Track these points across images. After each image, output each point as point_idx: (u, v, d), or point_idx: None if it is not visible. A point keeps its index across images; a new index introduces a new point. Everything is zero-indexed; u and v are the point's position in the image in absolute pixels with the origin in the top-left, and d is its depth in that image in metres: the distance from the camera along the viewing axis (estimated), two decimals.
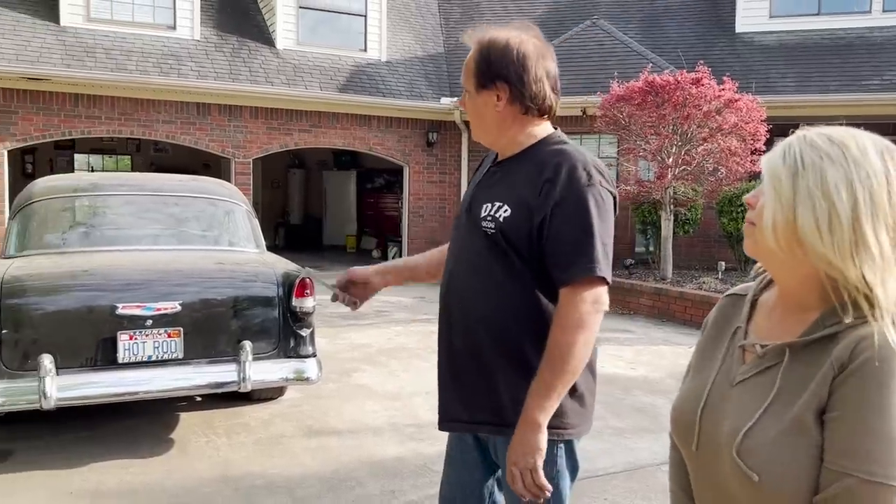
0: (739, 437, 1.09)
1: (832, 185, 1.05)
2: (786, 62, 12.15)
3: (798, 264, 1.09)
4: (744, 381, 1.16)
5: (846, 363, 1.03)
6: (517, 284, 1.79)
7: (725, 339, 1.25)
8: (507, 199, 1.80)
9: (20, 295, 3.79)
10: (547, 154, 1.81)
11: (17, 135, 10.26)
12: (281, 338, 4.24)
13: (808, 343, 1.09)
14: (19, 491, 3.56)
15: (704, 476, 1.19)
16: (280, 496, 3.56)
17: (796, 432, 1.05)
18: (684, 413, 1.23)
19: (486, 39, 1.85)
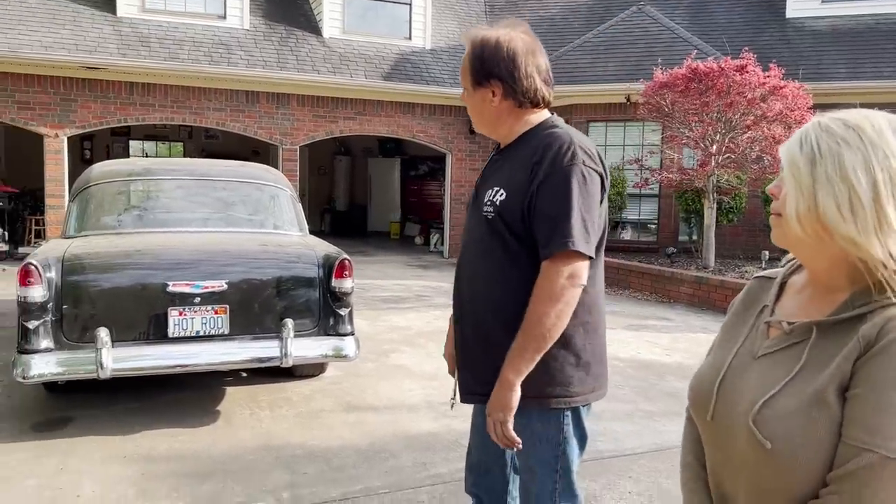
0: (757, 406, 1.11)
1: (850, 168, 1.07)
2: (838, 48, 11.87)
3: (826, 248, 1.11)
4: (767, 354, 1.18)
5: (873, 342, 1.05)
6: (516, 266, 1.89)
7: (751, 317, 1.29)
8: (504, 184, 1.92)
9: (80, 272, 4.05)
10: (539, 138, 1.92)
11: (77, 122, 10.70)
12: (321, 316, 4.43)
13: (836, 322, 1.11)
14: (78, 453, 3.82)
15: (719, 447, 1.22)
16: (318, 464, 3.75)
17: (816, 406, 1.06)
18: (703, 383, 1.26)
19: (479, 39, 1.95)
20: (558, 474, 1.96)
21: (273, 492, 3.43)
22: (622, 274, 10.02)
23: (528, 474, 2.00)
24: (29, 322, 3.89)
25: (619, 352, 6.35)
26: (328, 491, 3.45)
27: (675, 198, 11.12)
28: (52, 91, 10.50)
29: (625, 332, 7.23)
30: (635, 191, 11.26)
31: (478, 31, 1.98)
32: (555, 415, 1.92)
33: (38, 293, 3.89)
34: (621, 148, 12.08)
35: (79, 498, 3.33)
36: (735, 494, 1.19)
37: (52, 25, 10.44)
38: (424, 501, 3.38)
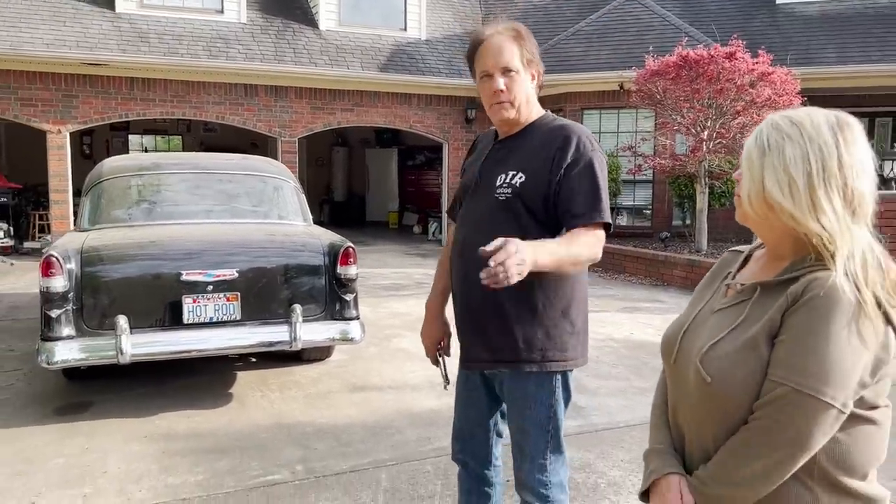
0: (704, 349, 1.35)
1: (790, 159, 1.28)
2: (827, 33, 12.06)
3: (773, 224, 1.34)
4: (721, 310, 1.41)
5: (798, 297, 1.25)
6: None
7: (718, 281, 1.52)
8: (521, 168, 2.12)
9: (98, 263, 4.25)
10: (551, 129, 2.15)
11: (79, 118, 10.88)
12: (327, 302, 4.64)
13: (776, 283, 1.32)
14: (100, 434, 4.04)
15: (677, 385, 1.46)
16: (327, 440, 3.98)
17: (749, 349, 1.28)
18: (670, 334, 1.51)
19: (521, 26, 2.16)
20: (549, 433, 2.17)
21: (287, 465, 3.66)
22: (617, 258, 10.24)
23: (521, 434, 2.20)
24: (51, 311, 4.10)
25: (615, 333, 6.58)
26: (339, 464, 3.68)
27: (668, 183, 11.33)
28: (53, 87, 10.66)
29: (619, 314, 7.46)
30: (629, 177, 11.48)
31: (502, 23, 2.15)
32: (549, 378, 2.14)
33: (60, 283, 4.09)
34: (615, 135, 12.28)
35: (106, 473, 3.55)
36: (687, 425, 1.42)
37: (52, 23, 10.59)
38: (430, 471, 3.60)
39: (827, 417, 1.21)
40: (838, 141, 1.28)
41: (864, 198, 1.29)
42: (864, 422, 1.27)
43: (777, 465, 1.24)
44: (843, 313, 1.22)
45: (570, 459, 3.65)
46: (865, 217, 1.30)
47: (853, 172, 1.27)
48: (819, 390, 1.20)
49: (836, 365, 1.21)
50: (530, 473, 2.19)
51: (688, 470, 1.41)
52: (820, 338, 1.22)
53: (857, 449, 1.27)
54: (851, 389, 1.22)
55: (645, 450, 1.54)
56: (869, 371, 1.24)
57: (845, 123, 1.31)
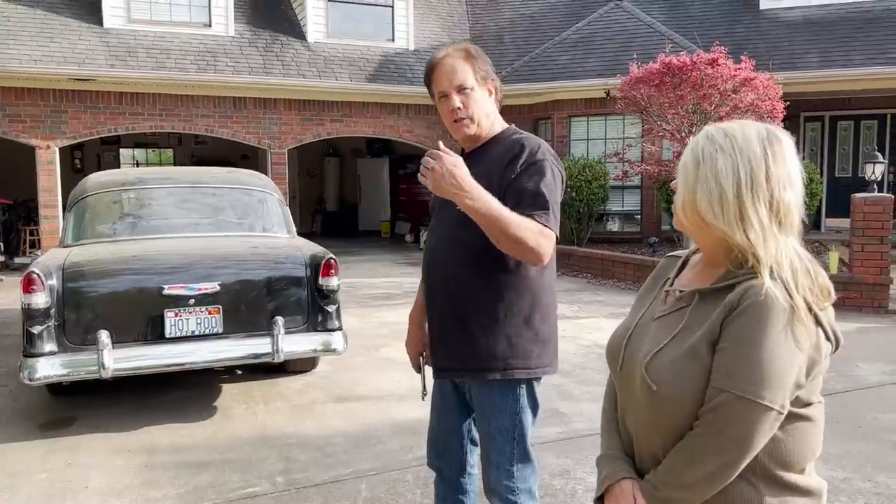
0: (649, 357, 1.39)
1: (721, 170, 1.33)
2: (810, 37, 12.17)
3: (707, 233, 1.39)
4: (661, 316, 1.46)
5: (735, 306, 1.30)
6: (487, 254, 2.13)
7: (657, 287, 1.56)
8: (479, 179, 2.16)
9: (79, 279, 4.28)
10: (511, 140, 2.21)
11: (68, 133, 10.91)
12: (310, 313, 4.67)
13: (713, 290, 1.36)
14: (84, 449, 4.06)
15: (624, 391, 1.49)
16: (311, 451, 4.01)
17: (691, 357, 1.32)
18: (614, 341, 1.54)
19: (472, 46, 2.25)
20: (515, 441, 2.21)
21: (269, 477, 3.68)
22: (606, 264, 10.29)
23: (487, 442, 2.24)
24: (33, 327, 4.12)
25: (601, 339, 6.61)
26: (320, 474, 3.70)
27: (656, 189, 11.39)
28: (42, 104, 10.70)
29: (606, 320, 7.49)
30: (618, 183, 11.54)
31: (454, 46, 2.26)
32: (513, 386, 2.17)
33: (41, 300, 4.12)
34: (603, 142, 12.35)
35: (87, 488, 3.57)
36: (635, 429, 1.46)
37: (40, 39, 10.64)
38: (410, 481, 3.63)
39: (767, 419, 1.26)
40: (767, 154, 1.33)
41: (791, 209, 1.34)
42: (800, 419, 1.33)
43: (723, 467, 1.29)
44: (778, 319, 1.27)
45: (549, 466, 3.70)
46: (792, 227, 1.35)
47: (780, 184, 1.33)
48: (759, 395, 1.25)
49: (773, 370, 1.26)
50: (497, 479, 2.22)
51: (639, 472, 1.45)
52: (757, 344, 1.26)
53: (795, 445, 1.33)
54: (789, 391, 1.28)
55: (598, 455, 1.58)
56: (804, 372, 1.30)
57: (775, 137, 1.36)
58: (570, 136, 12.58)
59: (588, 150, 12.45)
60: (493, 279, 2.16)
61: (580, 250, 10.92)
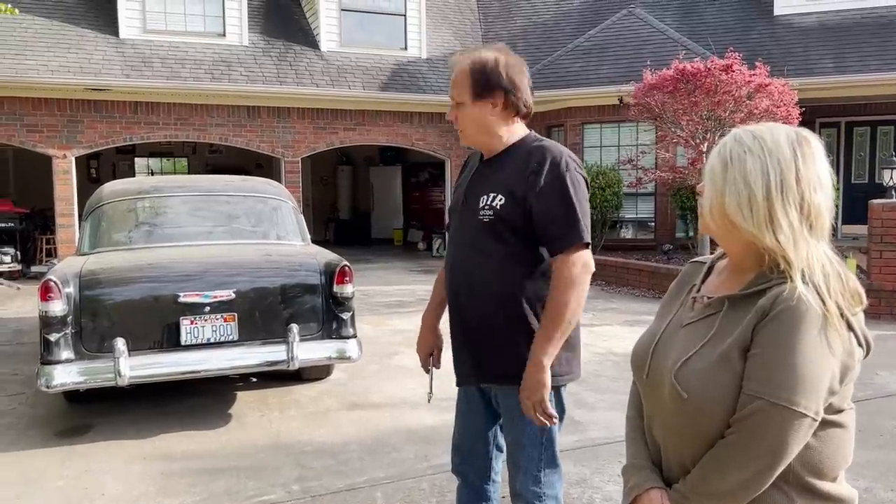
0: (678, 364, 1.37)
1: (750, 173, 1.31)
2: (825, 43, 12.10)
3: (736, 237, 1.37)
4: (690, 324, 1.43)
5: (767, 311, 1.28)
6: (514, 262, 2.16)
7: (683, 294, 1.54)
8: (500, 190, 2.17)
9: (96, 287, 4.31)
10: (530, 149, 2.20)
11: (84, 142, 11.01)
12: (324, 321, 4.67)
13: (743, 296, 1.34)
14: (101, 456, 4.07)
15: (651, 399, 1.47)
16: (325, 459, 4.00)
17: (722, 364, 1.30)
18: (640, 348, 1.52)
19: (478, 58, 2.22)
20: (543, 446, 2.21)
21: (284, 485, 3.67)
22: (620, 272, 10.24)
23: (515, 448, 2.24)
24: (50, 335, 4.15)
25: (615, 347, 6.58)
26: (335, 482, 3.69)
27: (670, 196, 11.34)
28: (58, 113, 10.81)
29: (621, 328, 7.45)
30: (632, 190, 11.49)
31: (472, 53, 2.24)
32: None
33: (58, 307, 4.14)
34: (616, 148, 12.32)
35: (104, 496, 3.58)
36: (663, 438, 1.44)
37: (57, 49, 10.75)
38: (425, 489, 3.61)
39: (801, 427, 1.24)
40: (797, 155, 1.31)
41: (821, 211, 1.32)
42: (833, 426, 1.31)
43: (756, 475, 1.27)
44: (812, 325, 1.25)
45: (566, 474, 3.65)
46: (822, 230, 1.33)
47: (810, 187, 1.31)
48: (793, 401, 1.23)
49: (807, 376, 1.24)
50: (524, 484, 2.22)
51: (666, 482, 1.43)
52: (791, 350, 1.25)
53: (828, 453, 1.31)
54: (822, 398, 1.26)
55: (623, 465, 1.55)
56: (837, 378, 1.27)
57: (804, 139, 1.34)
58: (584, 144, 12.56)
59: (601, 157, 12.42)
60: (520, 287, 2.16)
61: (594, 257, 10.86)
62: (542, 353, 2.06)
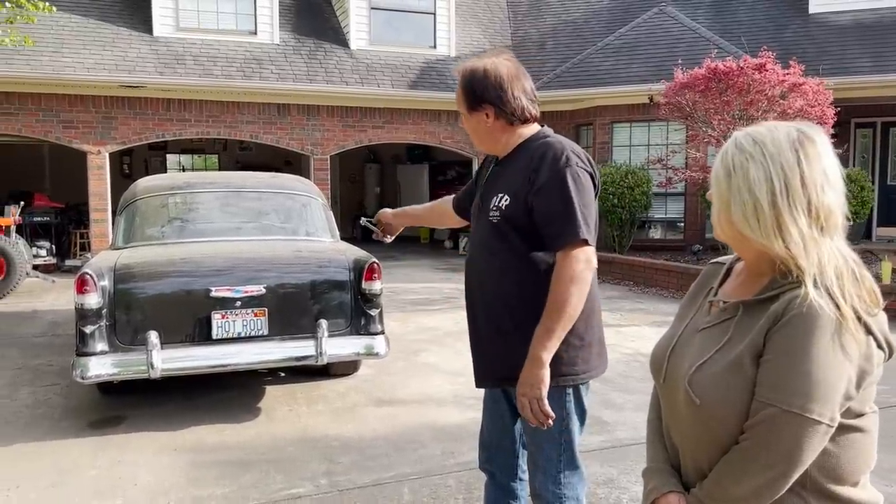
0: (692, 370, 1.36)
1: (754, 180, 1.29)
2: (862, 41, 11.87)
3: (748, 244, 1.35)
4: (705, 328, 1.42)
5: (780, 317, 1.26)
6: (521, 261, 2.15)
7: (701, 297, 1.53)
8: (506, 190, 2.18)
9: (130, 280, 4.38)
10: (533, 148, 2.20)
11: (118, 139, 11.19)
12: (353, 317, 4.71)
13: (757, 301, 1.33)
14: (132, 448, 4.14)
15: (668, 403, 1.47)
16: (353, 454, 4.03)
17: (735, 370, 1.29)
18: (658, 352, 1.51)
19: (468, 70, 2.23)
20: (562, 447, 2.19)
21: (311, 479, 3.71)
22: (649, 272, 10.16)
23: (534, 448, 2.23)
24: (85, 327, 4.23)
25: (643, 347, 6.53)
26: (362, 477, 3.72)
27: (700, 196, 11.21)
28: (93, 110, 10.99)
29: (649, 328, 7.40)
30: (661, 190, 11.40)
31: (466, 64, 2.26)
32: (558, 393, 2.15)
33: (94, 300, 4.22)
34: (646, 148, 12.21)
35: (136, 486, 3.64)
36: (680, 443, 1.44)
37: (93, 47, 10.93)
38: (452, 486, 3.62)
39: (816, 434, 1.23)
40: (799, 157, 1.28)
41: (832, 210, 1.29)
42: (852, 430, 1.29)
43: (771, 482, 1.26)
44: (825, 330, 1.23)
45: (594, 475, 3.66)
46: (835, 228, 1.30)
47: (817, 187, 1.28)
48: (806, 408, 1.22)
49: (820, 382, 1.22)
50: (544, 485, 2.21)
51: (685, 485, 1.43)
52: (803, 356, 1.23)
53: (847, 458, 1.29)
54: (837, 404, 1.24)
55: (643, 468, 1.56)
56: (854, 383, 1.25)
57: (806, 137, 1.31)
58: (613, 143, 12.47)
59: (630, 156, 12.32)
60: (525, 287, 2.15)
61: (621, 258, 10.80)
62: (540, 348, 2.02)
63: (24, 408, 4.84)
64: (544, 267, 2.12)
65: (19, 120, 10.66)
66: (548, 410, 2.02)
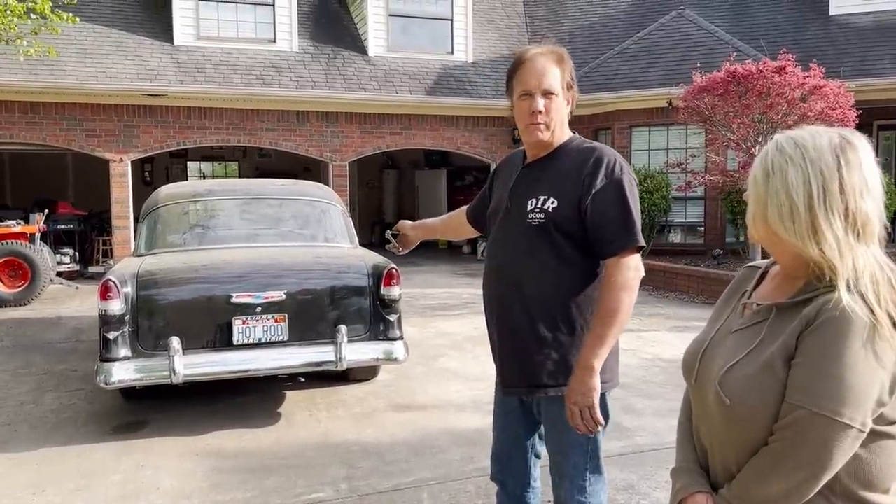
0: (723, 371, 1.37)
1: (792, 183, 1.30)
2: (883, 43, 11.75)
3: (783, 246, 1.36)
4: (738, 330, 1.43)
5: (812, 320, 1.26)
6: (564, 266, 2.13)
7: (735, 299, 1.53)
8: (553, 193, 2.15)
9: (152, 287, 4.44)
10: (580, 151, 2.17)
11: (139, 147, 11.34)
12: (372, 322, 4.73)
13: (791, 304, 1.33)
14: (155, 452, 4.19)
15: (699, 404, 1.47)
16: (372, 459, 4.04)
17: (766, 372, 1.29)
18: (690, 353, 1.52)
19: (565, 51, 2.21)
20: (589, 455, 2.18)
21: (332, 484, 3.73)
22: (668, 276, 10.10)
23: (560, 456, 2.22)
24: (109, 333, 4.29)
25: (663, 353, 6.50)
26: (382, 483, 3.73)
27: (720, 200, 11.14)
28: (116, 119, 11.15)
29: (669, 333, 7.36)
30: (680, 194, 11.33)
31: (554, 46, 2.21)
32: None
33: (117, 307, 4.28)
34: (664, 152, 12.16)
35: (159, 490, 3.68)
36: (709, 442, 1.44)
37: (115, 57, 11.09)
38: (471, 491, 3.63)
39: (846, 438, 1.22)
40: (840, 163, 1.29)
41: (869, 217, 1.29)
42: (885, 437, 1.28)
43: (799, 485, 1.26)
44: (858, 334, 1.23)
45: (613, 480, 3.65)
46: (872, 235, 1.30)
47: (856, 193, 1.28)
48: (836, 412, 1.22)
49: (852, 386, 1.22)
50: (570, 493, 2.20)
51: (713, 486, 1.43)
52: (835, 360, 1.23)
53: (879, 464, 1.28)
54: (869, 409, 1.23)
55: (672, 468, 1.56)
56: (887, 389, 1.24)
57: (848, 144, 1.31)
58: (631, 147, 12.43)
59: (649, 160, 12.27)
60: (569, 291, 2.14)
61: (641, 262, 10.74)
62: (592, 356, 2.01)
63: (49, 413, 4.91)
64: (587, 271, 2.13)
65: (44, 129, 10.83)
66: (599, 418, 2.02)
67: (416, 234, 2.91)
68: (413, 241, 2.93)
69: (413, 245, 2.95)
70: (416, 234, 2.91)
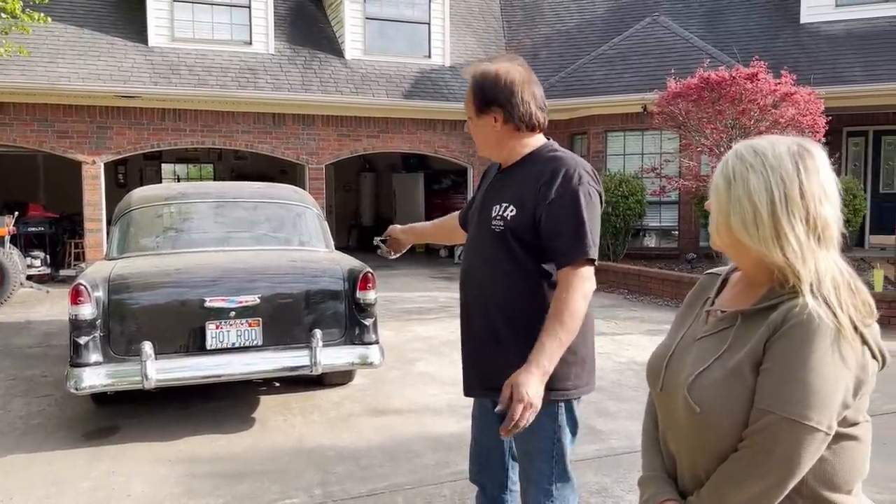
0: (691, 378, 1.38)
1: (754, 190, 1.32)
2: (854, 51, 11.97)
3: (746, 254, 1.38)
4: (703, 337, 1.44)
5: (779, 326, 1.28)
6: (523, 272, 2.16)
7: (698, 306, 1.55)
8: (512, 200, 2.18)
9: (124, 291, 4.38)
10: (543, 161, 2.19)
11: (112, 148, 11.20)
12: (347, 326, 4.71)
13: (756, 311, 1.35)
14: (127, 458, 4.13)
15: (665, 412, 1.48)
16: (348, 464, 4.03)
17: (734, 378, 1.31)
18: (655, 360, 1.53)
19: (480, 72, 2.23)
20: (554, 460, 2.19)
21: (306, 489, 3.71)
22: (643, 280, 10.18)
23: (526, 461, 2.23)
24: (80, 338, 4.23)
25: (637, 356, 6.55)
26: (357, 488, 3.72)
27: (694, 204, 11.27)
28: (88, 120, 11.00)
29: (643, 336, 7.42)
30: (655, 198, 11.44)
31: (478, 66, 2.25)
32: (551, 407, 2.15)
33: (88, 311, 4.22)
34: (639, 156, 12.27)
35: (129, 497, 3.63)
36: (677, 450, 1.45)
37: (87, 57, 10.95)
38: (446, 495, 3.63)
39: (814, 441, 1.25)
40: (799, 169, 1.31)
41: (829, 223, 1.32)
42: (847, 439, 1.31)
43: (769, 489, 1.28)
44: (824, 339, 1.25)
45: (587, 484, 3.67)
46: (831, 240, 1.33)
47: (815, 199, 1.31)
48: (805, 416, 1.24)
49: (819, 390, 1.24)
50: (536, 498, 2.21)
51: (681, 494, 1.44)
52: (802, 365, 1.25)
53: (842, 466, 1.31)
54: (835, 412, 1.26)
55: (639, 476, 1.56)
56: (851, 392, 1.27)
57: (806, 151, 1.34)
58: (607, 151, 12.53)
59: (624, 165, 12.38)
60: (525, 298, 2.15)
61: (616, 266, 10.83)
62: (545, 357, 1.96)
63: (18, 419, 4.83)
64: (544, 279, 2.13)
65: (14, 130, 10.66)
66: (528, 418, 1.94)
67: (407, 238, 2.91)
68: (404, 245, 2.93)
69: (404, 249, 2.94)
70: (406, 238, 2.91)
